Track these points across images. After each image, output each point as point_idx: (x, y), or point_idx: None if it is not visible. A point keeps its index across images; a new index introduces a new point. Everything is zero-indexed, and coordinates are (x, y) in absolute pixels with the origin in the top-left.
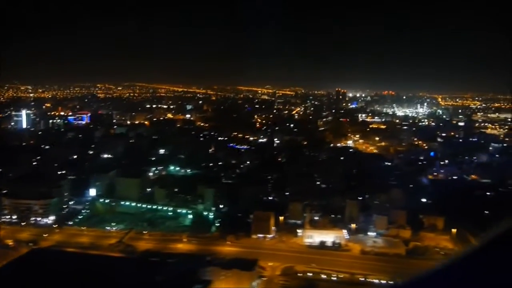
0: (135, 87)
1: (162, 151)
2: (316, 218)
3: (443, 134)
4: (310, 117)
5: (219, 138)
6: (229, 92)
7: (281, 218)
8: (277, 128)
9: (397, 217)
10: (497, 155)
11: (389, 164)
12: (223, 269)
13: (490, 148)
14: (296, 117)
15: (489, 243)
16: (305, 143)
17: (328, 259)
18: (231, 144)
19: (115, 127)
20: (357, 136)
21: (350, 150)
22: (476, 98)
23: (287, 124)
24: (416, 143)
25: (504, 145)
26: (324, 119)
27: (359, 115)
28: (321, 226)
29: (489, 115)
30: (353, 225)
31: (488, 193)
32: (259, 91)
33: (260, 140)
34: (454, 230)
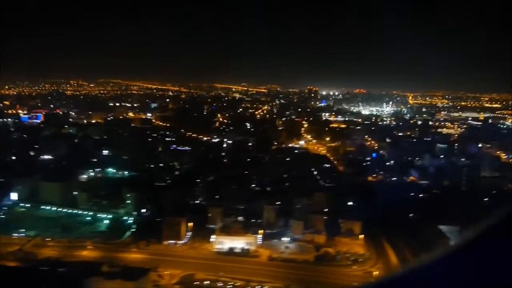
0: (109, 84)
1: (105, 152)
2: (234, 222)
3: (400, 134)
4: (274, 116)
5: (166, 139)
6: (204, 90)
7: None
8: (231, 128)
9: (315, 221)
10: (441, 156)
11: (329, 165)
12: (107, 279)
13: (436, 148)
14: (258, 116)
15: (480, 235)
16: (255, 143)
17: (232, 266)
18: (173, 146)
19: (66, 126)
20: (312, 136)
21: (296, 151)
22: (447, 97)
23: (246, 124)
24: (369, 143)
25: (452, 145)
26: (284, 119)
27: (323, 114)
28: (233, 231)
29: (452, 114)
30: (269, 230)
31: (420, 195)
32: (233, 89)
33: (213, 140)
34: (365, 235)
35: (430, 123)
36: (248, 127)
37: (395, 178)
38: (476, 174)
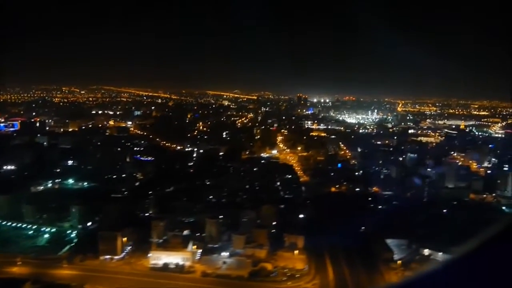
0: (100, 91)
1: (70, 162)
2: (176, 237)
3: (378, 142)
4: (257, 124)
5: (135, 149)
6: (195, 97)
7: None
8: (206, 136)
9: (259, 235)
10: (411, 166)
11: (293, 176)
12: None
13: (407, 158)
14: (239, 124)
15: (485, 243)
16: (225, 153)
17: (162, 283)
18: (138, 156)
19: (38, 135)
20: (288, 145)
21: (263, 161)
22: (437, 104)
23: (223, 132)
24: (343, 152)
25: (424, 155)
26: (263, 127)
27: (305, 122)
28: (172, 246)
29: (437, 122)
30: (212, 245)
31: (380, 207)
32: (225, 96)
33: (187, 149)
34: (309, 249)
35: (412, 131)
36: (225, 135)
37: (358, 189)
38: (441, 184)
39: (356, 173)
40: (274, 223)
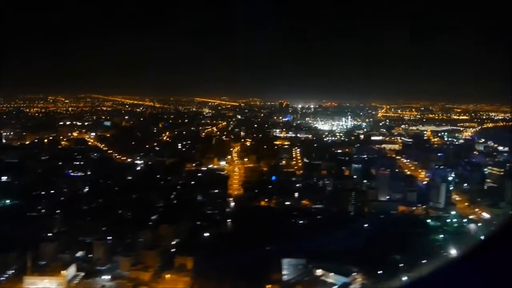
0: (85, 100)
1: (4, 178)
2: (58, 259)
3: (339, 151)
4: (225, 133)
5: (75, 163)
6: (182, 104)
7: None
8: (160, 148)
9: (148, 257)
10: (353, 177)
11: (219, 191)
12: None
13: (352, 169)
14: (204, 134)
15: (483, 244)
16: (170, 165)
17: None
18: (68, 171)
19: None
20: (241, 155)
21: (199, 174)
22: (422, 109)
23: (184, 143)
24: (294, 162)
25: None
26: (223, 137)
27: (273, 130)
28: (51, 270)
29: (410, 128)
30: (99, 267)
31: (301, 222)
32: (210, 103)
33: (135, 162)
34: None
35: (380, 138)
36: (180, 146)
37: (288, 203)
38: (372, 197)
39: (297, 185)
40: (173, 242)
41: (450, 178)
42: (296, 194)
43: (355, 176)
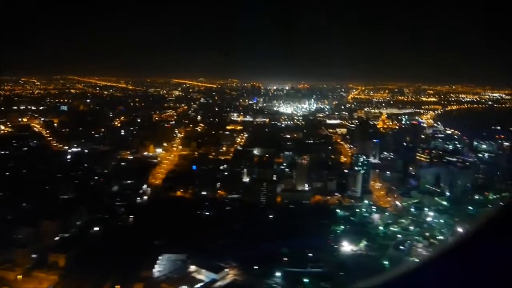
0: (59, 82)
1: None
2: None
3: (287, 136)
4: (182, 117)
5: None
6: (156, 87)
7: None
8: (100, 135)
9: (19, 255)
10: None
11: (134, 181)
12: None
13: (284, 156)
14: (156, 119)
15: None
16: (100, 153)
17: None
18: None
19: None
20: (183, 142)
21: (123, 163)
22: (396, 90)
23: (131, 128)
24: (233, 149)
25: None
26: (173, 122)
27: (230, 114)
28: None
29: (372, 110)
30: None
31: (207, 213)
32: (186, 84)
33: (72, 150)
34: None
35: (334, 121)
36: (123, 133)
37: (204, 193)
38: (291, 186)
39: (223, 174)
40: (57, 238)
41: (374, 166)
42: (218, 184)
43: (284, 164)
